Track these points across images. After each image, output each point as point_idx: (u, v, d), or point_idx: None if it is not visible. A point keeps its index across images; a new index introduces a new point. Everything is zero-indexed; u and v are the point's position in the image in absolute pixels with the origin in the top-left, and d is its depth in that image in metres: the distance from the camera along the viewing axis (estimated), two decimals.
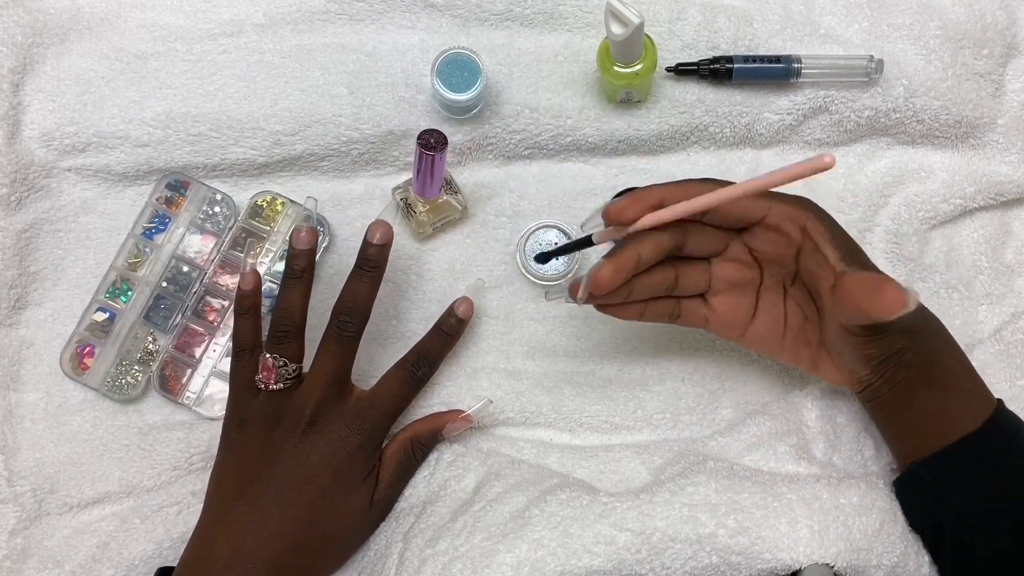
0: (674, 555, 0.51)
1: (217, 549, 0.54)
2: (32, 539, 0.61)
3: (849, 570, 0.51)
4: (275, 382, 0.56)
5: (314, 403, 0.56)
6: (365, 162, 0.66)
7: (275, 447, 0.56)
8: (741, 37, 0.65)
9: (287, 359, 0.56)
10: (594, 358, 0.65)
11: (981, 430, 0.51)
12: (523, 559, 0.51)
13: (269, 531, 0.54)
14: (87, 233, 0.65)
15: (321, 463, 0.56)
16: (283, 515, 0.55)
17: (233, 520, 0.55)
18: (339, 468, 0.56)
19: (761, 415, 0.62)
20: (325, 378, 0.56)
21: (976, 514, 0.52)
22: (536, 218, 0.66)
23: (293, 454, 0.56)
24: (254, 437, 0.56)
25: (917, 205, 0.65)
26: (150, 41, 0.65)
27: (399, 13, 0.66)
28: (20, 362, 0.64)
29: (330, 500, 0.56)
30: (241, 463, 0.56)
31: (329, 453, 0.56)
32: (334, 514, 0.56)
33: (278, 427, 0.56)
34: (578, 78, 0.65)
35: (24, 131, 0.63)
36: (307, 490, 0.55)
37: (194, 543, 0.56)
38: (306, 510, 0.55)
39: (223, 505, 0.56)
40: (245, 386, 0.57)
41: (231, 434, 0.57)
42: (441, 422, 0.60)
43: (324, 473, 0.56)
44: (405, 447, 0.59)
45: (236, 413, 0.57)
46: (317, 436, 0.56)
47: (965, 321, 0.65)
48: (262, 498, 0.55)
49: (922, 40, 0.64)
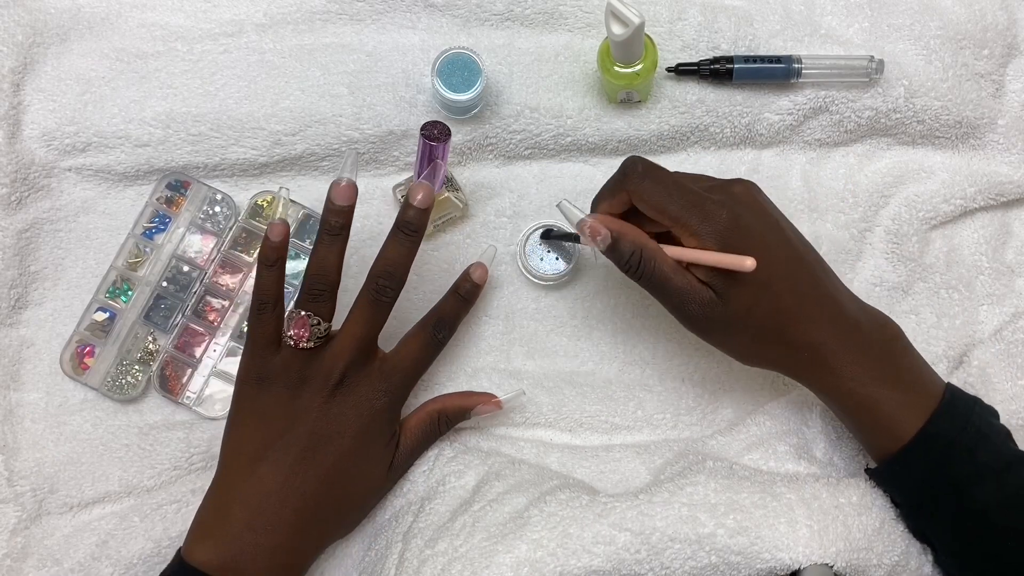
0: (673, 555, 0.51)
1: (236, 511, 0.54)
2: (32, 538, 0.61)
3: (849, 570, 0.51)
4: (308, 340, 0.54)
5: (343, 365, 0.55)
6: (366, 162, 0.66)
7: (300, 407, 0.55)
8: (742, 37, 0.65)
9: (321, 318, 0.55)
10: (594, 358, 0.65)
11: (912, 443, 0.52)
12: (522, 559, 0.51)
13: (291, 493, 0.54)
14: (87, 233, 0.65)
15: (346, 424, 0.55)
16: (305, 477, 0.54)
17: (255, 481, 0.54)
18: (363, 430, 0.56)
19: (761, 415, 0.62)
20: (355, 341, 0.55)
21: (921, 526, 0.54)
22: (536, 218, 0.66)
23: (318, 415, 0.55)
24: (276, 396, 0.55)
25: (917, 205, 0.65)
26: (151, 41, 0.65)
27: (400, 13, 0.66)
28: (20, 362, 0.64)
29: (352, 461, 0.55)
30: (261, 421, 0.55)
31: (355, 415, 0.55)
32: (355, 476, 0.56)
33: (303, 387, 0.55)
34: (578, 78, 0.65)
35: (25, 131, 0.63)
36: (330, 452, 0.55)
37: (211, 503, 0.55)
38: (328, 471, 0.55)
39: (242, 465, 0.55)
40: (265, 342, 0.55)
41: (248, 391, 0.56)
42: (473, 402, 0.60)
43: (348, 434, 0.55)
44: (432, 418, 0.59)
45: (255, 368, 0.55)
46: (344, 398, 0.55)
47: (965, 321, 0.65)
48: (285, 459, 0.54)
49: (923, 40, 0.64)
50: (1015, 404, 0.61)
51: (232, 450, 0.56)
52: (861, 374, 0.52)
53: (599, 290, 0.66)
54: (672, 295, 0.51)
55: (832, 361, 0.52)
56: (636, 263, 0.51)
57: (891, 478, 0.54)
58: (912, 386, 0.53)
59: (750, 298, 0.51)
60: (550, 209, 0.67)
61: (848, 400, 0.53)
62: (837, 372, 0.52)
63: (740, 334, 0.52)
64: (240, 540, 0.53)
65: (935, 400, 0.53)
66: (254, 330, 0.55)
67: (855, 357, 0.52)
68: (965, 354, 0.64)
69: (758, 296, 0.51)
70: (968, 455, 0.51)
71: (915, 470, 0.52)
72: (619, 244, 0.51)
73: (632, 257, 0.51)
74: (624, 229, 0.52)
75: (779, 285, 0.51)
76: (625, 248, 0.51)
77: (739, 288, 0.50)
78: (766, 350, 0.54)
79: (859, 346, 0.53)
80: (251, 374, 0.56)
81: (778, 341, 0.53)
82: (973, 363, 0.63)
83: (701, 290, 0.51)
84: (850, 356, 0.52)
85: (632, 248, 0.51)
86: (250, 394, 0.56)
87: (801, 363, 0.54)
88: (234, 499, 0.54)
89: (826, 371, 0.53)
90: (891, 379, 0.53)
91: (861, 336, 0.53)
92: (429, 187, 0.54)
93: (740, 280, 0.50)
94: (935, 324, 0.65)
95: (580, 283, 0.66)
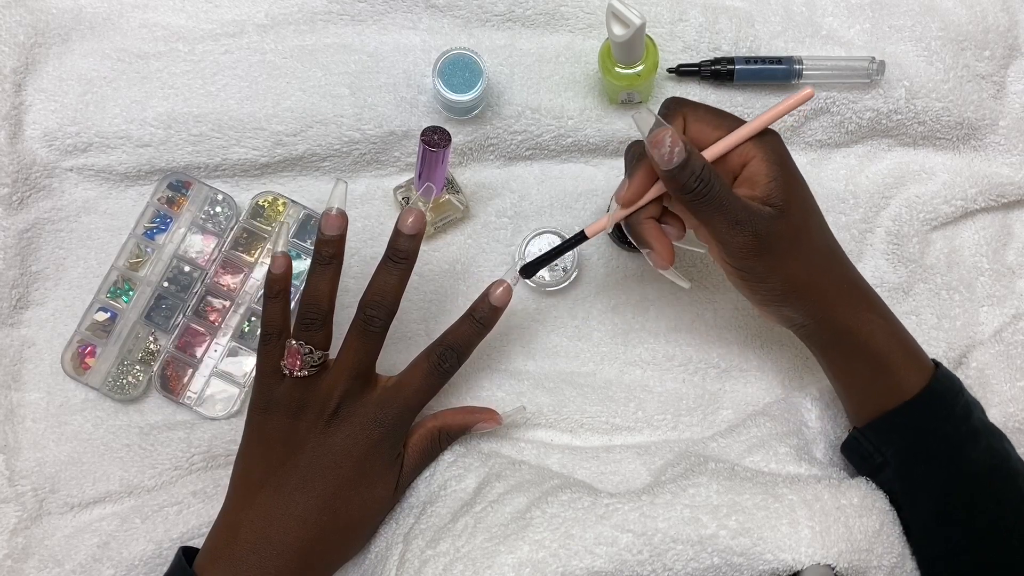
0: (676, 556, 0.51)
1: (242, 535, 0.54)
2: (33, 538, 0.61)
3: (850, 571, 0.51)
4: (300, 369, 0.55)
5: (338, 395, 0.55)
6: (367, 163, 0.66)
7: (299, 436, 0.55)
8: (743, 38, 0.65)
9: (313, 346, 0.55)
10: (594, 359, 0.65)
11: (914, 399, 0.54)
12: (524, 560, 0.51)
13: (293, 519, 0.54)
14: (89, 233, 0.65)
15: (344, 455, 0.55)
16: (307, 504, 0.55)
17: (258, 507, 0.55)
18: (361, 460, 0.56)
19: (761, 416, 0.62)
20: (349, 371, 0.56)
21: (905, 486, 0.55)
22: (537, 219, 0.66)
23: (316, 444, 0.55)
24: (278, 423, 0.56)
25: (918, 206, 0.65)
26: (152, 41, 0.65)
27: (401, 14, 0.66)
28: (21, 362, 0.64)
29: (354, 489, 0.56)
30: (265, 448, 0.56)
31: (351, 444, 0.55)
32: (358, 502, 0.56)
33: (302, 415, 0.55)
34: (579, 79, 0.65)
35: (26, 131, 0.63)
36: (330, 480, 0.55)
37: (220, 528, 0.56)
38: (330, 499, 0.55)
39: (247, 491, 0.55)
40: (271, 371, 0.56)
41: (256, 418, 0.57)
42: (473, 419, 0.60)
43: (347, 464, 0.55)
44: (432, 436, 0.59)
45: (261, 397, 0.56)
46: (339, 428, 0.56)
47: (966, 322, 0.65)
48: (285, 486, 0.55)
49: (924, 42, 0.64)
50: (1013, 406, 0.62)
51: (239, 475, 0.57)
52: (878, 327, 0.54)
53: (599, 290, 0.66)
54: (738, 210, 0.49)
55: (863, 303, 0.55)
56: (708, 177, 0.49)
57: (889, 431, 0.55)
58: (913, 349, 0.56)
59: (805, 210, 0.52)
60: (551, 210, 0.67)
61: (861, 350, 0.54)
62: (860, 317, 0.54)
63: (796, 252, 0.52)
64: (247, 563, 0.54)
65: (930, 365, 0.56)
66: (260, 360, 0.56)
67: (874, 308, 0.55)
68: (965, 355, 0.64)
69: (811, 210, 0.53)
70: (963, 416, 0.55)
71: (914, 424, 0.54)
72: (692, 158, 0.48)
73: (704, 171, 0.49)
74: (691, 144, 0.50)
75: (821, 212, 0.54)
76: (697, 162, 0.49)
77: (796, 204, 0.51)
78: (815, 276, 0.53)
79: (876, 300, 0.56)
80: (258, 403, 0.57)
81: (829, 264, 0.54)
82: (972, 364, 0.63)
83: (761, 207, 0.50)
84: (870, 305, 0.55)
85: (702, 162, 0.49)
86: (257, 421, 0.57)
87: (839, 298, 0.54)
88: (240, 523, 0.55)
89: (855, 312, 0.54)
90: (897, 338, 0.55)
91: (875, 294, 0.56)
92: (420, 212, 0.54)
93: (797, 192, 0.52)
94: (935, 325, 0.65)
95: (580, 284, 0.66)
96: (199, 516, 0.61)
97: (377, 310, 0.55)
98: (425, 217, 0.54)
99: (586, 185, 0.67)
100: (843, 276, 0.55)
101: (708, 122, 0.52)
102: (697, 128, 0.52)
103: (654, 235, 0.53)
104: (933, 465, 0.54)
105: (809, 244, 0.53)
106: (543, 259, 0.57)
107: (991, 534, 0.53)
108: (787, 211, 0.50)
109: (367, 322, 0.55)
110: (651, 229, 0.53)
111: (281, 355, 0.56)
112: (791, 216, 0.51)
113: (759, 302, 0.54)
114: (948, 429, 0.54)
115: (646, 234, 0.53)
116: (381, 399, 0.57)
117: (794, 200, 0.51)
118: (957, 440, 0.54)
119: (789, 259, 0.52)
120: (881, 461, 0.56)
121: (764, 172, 0.50)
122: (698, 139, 0.52)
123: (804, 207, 0.52)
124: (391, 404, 0.57)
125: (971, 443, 0.54)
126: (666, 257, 0.52)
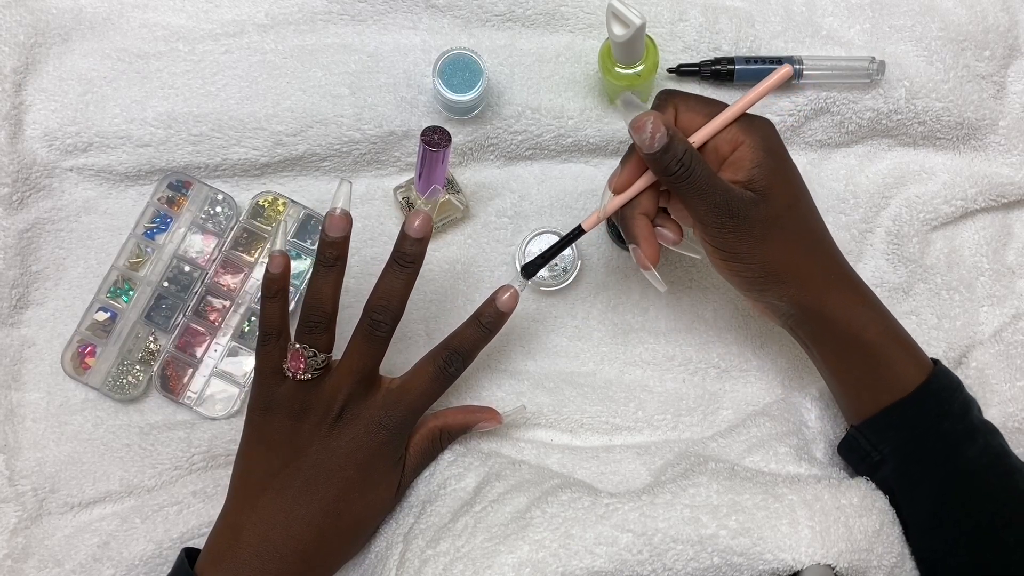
0: (676, 556, 0.51)
1: (244, 537, 0.54)
2: (33, 538, 0.61)
3: (850, 571, 0.51)
4: (304, 372, 0.55)
5: (343, 398, 0.55)
6: (367, 162, 0.66)
7: (302, 438, 0.55)
8: (743, 38, 0.65)
9: (316, 349, 0.55)
10: (594, 359, 0.65)
11: (911, 395, 0.54)
12: (524, 560, 0.51)
13: (296, 522, 0.54)
14: (89, 233, 0.65)
15: (347, 458, 0.55)
16: (310, 507, 0.54)
17: (260, 509, 0.54)
18: (365, 463, 0.56)
19: (761, 416, 0.62)
20: (353, 375, 0.55)
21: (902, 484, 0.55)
22: (537, 219, 0.66)
23: (319, 448, 0.55)
24: (280, 424, 0.55)
25: (918, 206, 0.65)
26: (152, 41, 0.65)
27: (401, 14, 0.66)
28: (21, 361, 0.64)
29: (357, 491, 0.56)
30: (267, 450, 0.56)
31: (355, 448, 0.55)
32: (361, 504, 0.56)
33: (305, 418, 0.55)
34: (580, 79, 0.65)
35: (26, 131, 0.63)
36: (334, 483, 0.55)
37: (221, 530, 0.56)
38: (333, 502, 0.55)
39: (250, 493, 0.55)
40: (271, 371, 0.55)
41: (256, 418, 0.56)
42: (475, 419, 0.60)
43: (350, 467, 0.55)
44: (434, 436, 0.59)
45: (261, 398, 0.56)
46: (343, 431, 0.55)
47: (966, 322, 0.65)
48: (288, 489, 0.55)
49: (924, 42, 0.64)
50: (1012, 406, 0.62)
51: (240, 477, 0.57)
52: (871, 320, 0.55)
53: (599, 290, 0.66)
54: (717, 192, 0.50)
55: (855, 296, 0.55)
56: (689, 162, 0.50)
57: (887, 427, 0.55)
58: (909, 345, 0.56)
59: (789, 196, 0.53)
60: (551, 210, 0.67)
61: (855, 343, 0.54)
62: (852, 310, 0.54)
63: (775, 235, 0.52)
64: (249, 566, 0.54)
65: (928, 362, 0.56)
66: (260, 360, 0.56)
67: (867, 302, 0.55)
68: (964, 355, 0.64)
69: (796, 197, 0.53)
70: (961, 414, 0.55)
71: (912, 421, 0.54)
72: (674, 142, 0.50)
73: (685, 155, 0.50)
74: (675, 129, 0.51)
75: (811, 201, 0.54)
76: (679, 146, 0.50)
77: (779, 187, 0.52)
78: (796, 259, 0.53)
79: (870, 295, 0.56)
80: (258, 403, 0.56)
81: (812, 251, 0.54)
82: (972, 364, 0.63)
83: (743, 191, 0.51)
84: (863, 299, 0.55)
85: (685, 146, 0.50)
86: (257, 422, 0.56)
87: (826, 286, 0.54)
88: (242, 525, 0.55)
89: (846, 304, 0.54)
90: (893, 333, 0.55)
91: (869, 290, 0.56)
92: (427, 215, 0.54)
93: (781, 179, 0.52)
94: (936, 325, 0.65)
95: (580, 283, 0.66)
96: (199, 516, 0.61)
97: (383, 314, 0.54)
98: (432, 221, 0.54)
99: (586, 185, 0.67)
100: (830, 265, 0.55)
101: (698, 110, 0.53)
102: (688, 117, 0.53)
103: (643, 232, 0.53)
104: (931, 462, 0.54)
105: (792, 229, 0.53)
106: (543, 258, 0.57)
107: (989, 531, 0.53)
108: (768, 196, 0.51)
109: (373, 327, 0.55)
110: (642, 226, 0.53)
111: (280, 356, 0.55)
112: (772, 201, 0.51)
113: (741, 286, 0.55)
114: (946, 426, 0.54)
115: (636, 229, 0.53)
116: (386, 402, 0.56)
117: (777, 186, 0.52)
118: (955, 437, 0.54)
119: (767, 241, 0.52)
120: (879, 459, 0.56)
121: (749, 158, 0.51)
122: (689, 127, 0.53)
123: (790, 193, 0.53)
124: (396, 407, 0.56)
125: (969, 440, 0.54)
126: (651, 256, 0.53)
